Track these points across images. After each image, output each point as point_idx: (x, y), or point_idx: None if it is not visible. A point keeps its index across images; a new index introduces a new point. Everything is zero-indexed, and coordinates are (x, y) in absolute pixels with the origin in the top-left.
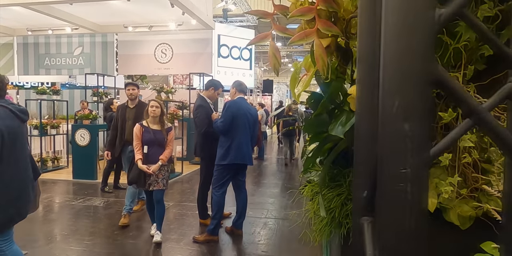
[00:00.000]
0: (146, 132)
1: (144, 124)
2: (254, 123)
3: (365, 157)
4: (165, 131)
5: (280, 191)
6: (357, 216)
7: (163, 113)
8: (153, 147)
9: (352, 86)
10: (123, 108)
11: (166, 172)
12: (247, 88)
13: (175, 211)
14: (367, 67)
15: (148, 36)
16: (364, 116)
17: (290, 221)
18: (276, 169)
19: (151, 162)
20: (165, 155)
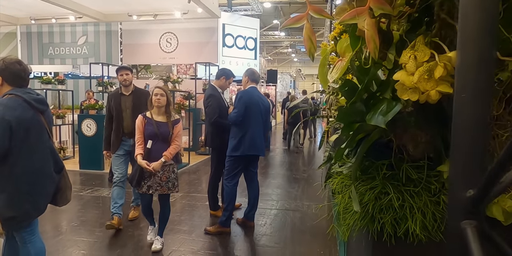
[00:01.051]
0: (148, 125)
1: (147, 115)
2: (267, 113)
3: (469, 150)
4: (171, 124)
5: (289, 182)
6: (455, 219)
7: (169, 103)
8: (156, 142)
9: (398, 71)
10: (117, 96)
11: (172, 173)
12: (260, 77)
13: (184, 202)
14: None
15: (153, 25)
16: (469, 99)
17: (301, 212)
18: (283, 159)
19: (154, 159)
20: (169, 151)
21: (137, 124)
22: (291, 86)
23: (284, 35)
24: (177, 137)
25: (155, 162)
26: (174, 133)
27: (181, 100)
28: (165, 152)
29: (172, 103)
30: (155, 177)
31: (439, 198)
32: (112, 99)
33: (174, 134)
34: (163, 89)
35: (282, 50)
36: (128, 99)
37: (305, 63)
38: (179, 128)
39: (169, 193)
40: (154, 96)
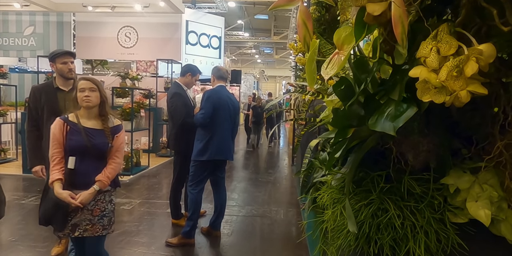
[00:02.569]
0: (73, 133)
1: (70, 120)
2: (236, 114)
3: None
4: (109, 132)
5: (255, 186)
6: None
7: (104, 101)
8: (85, 159)
9: (416, 67)
10: (50, 92)
11: (108, 204)
12: (228, 73)
13: (143, 209)
14: None
15: (110, 17)
16: None
17: (269, 218)
18: (247, 161)
19: (81, 186)
20: (106, 173)
21: (52, 132)
22: (254, 87)
23: (248, 36)
24: (118, 151)
25: (85, 192)
26: (115, 145)
27: (140, 99)
28: (100, 175)
29: (109, 101)
30: (83, 211)
31: (443, 214)
32: (42, 96)
33: (114, 147)
34: (93, 81)
35: (246, 50)
36: (69, 97)
37: (268, 65)
38: (121, 138)
39: (104, 235)
40: (80, 93)
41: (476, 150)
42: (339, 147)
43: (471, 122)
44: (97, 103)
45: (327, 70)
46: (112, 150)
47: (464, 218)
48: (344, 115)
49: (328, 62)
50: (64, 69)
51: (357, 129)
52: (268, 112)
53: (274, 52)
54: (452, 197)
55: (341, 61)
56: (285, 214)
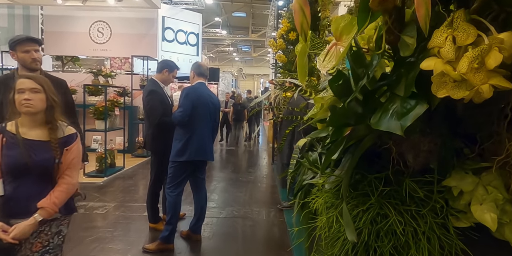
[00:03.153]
0: (10, 147)
1: (7, 129)
2: (216, 112)
3: None
4: (56, 144)
5: (235, 186)
6: None
7: (53, 105)
8: (26, 180)
9: (428, 58)
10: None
11: (54, 237)
12: (208, 71)
13: (118, 213)
14: None
15: (81, 11)
16: None
17: (251, 219)
18: (228, 160)
19: (22, 215)
20: (52, 198)
21: None
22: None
23: (226, 34)
24: (69, 169)
25: (21, 224)
26: (64, 161)
27: (115, 97)
28: (44, 200)
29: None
30: (24, 246)
31: (445, 219)
32: (1, 89)
33: (64, 163)
34: (36, 80)
35: (224, 48)
36: None
37: (246, 63)
38: (73, 151)
39: None
40: (18, 95)
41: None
42: (335, 148)
43: (476, 120)
44: (41, 108)
45: (324, 62)
46: (61, 168)
47: (467, 222)
48: (343, 113)
49: (325, 54)
50: (26, 59)
51: (354, 128)
52: (252, 110)
53: (252, 50)
54: (454, 200)
55: (339, 53)
56: (267, 214)
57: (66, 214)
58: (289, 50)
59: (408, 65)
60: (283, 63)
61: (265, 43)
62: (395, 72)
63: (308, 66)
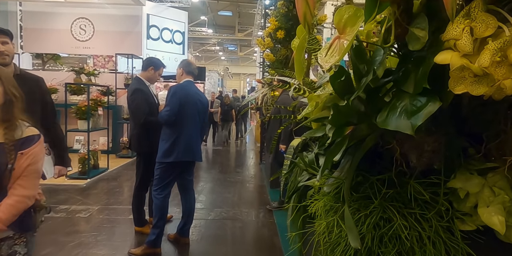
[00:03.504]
0: None
1: None
2: (205, 111)
3: None
4: (11, 146)
5: (223, 186)
6: None
7: (11, 100)
8: None
9: (443, 52)
10: None
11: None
12: (197, 70)
13: (102, 217)
14: None
15: (62, 8)
16: None
17: (240, 221)
18: (215, 160)
19: None
20: (2, 210)
21: None
22: (219, 84)
23: (212, 32)
24: (24, 177)
25: None
26: (18, 167)
27: (98, 96)
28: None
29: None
30: None
31: (450, 222)
32: None
33: (17, 170)
34: None
35: (210, 47)
36: None
37: (232, 62)
38: (30, 156)
39: None
40: None
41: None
42: (336, 148)
43: (482, 118)
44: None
45: (327, 57)
46: (13, 175)
47: (472, 225)
48: (346, 112)
49: (328, 48)
50: None
51: (355, 128)
52: (243, 109)
53: (238, 49)
54: (459, 202)
55: (343, 46)
56: (257, 215)
57: (21, 232)
58: (277, 49)
59: (417, 60)
60: (271, 61)
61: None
62: (401, 67)
63: None
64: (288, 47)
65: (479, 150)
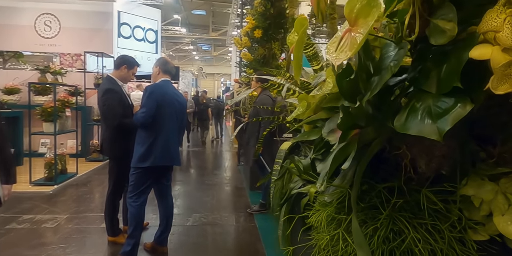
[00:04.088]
0: None
1: None
2: (183, 113)
3: None
4: None
5: (202, 189)
6: None
7: None
8: None
9: (479, 46)
10: None
11: None
12: (174, 69)
13: (71, 227)
14: None
15: (25, 2)
16: None
17: (220, 226)
18: (191, 162)
19: None
20: None
21: None
22: (193, 84)
23: (185, 32)
24: None
25: None
26: None
27: (65, 96)
28: None
29: None
30: None
31: (462, 232)
32: None
33: None
34: None
35: (183, 47)
36: None
37: (206, 62)
38: None
39: None
40: None
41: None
42: (341, 154)
43: (496, 120)
44: None
45: (337, 53)
46: None
47: (485, 234)
48: (356, 114)
49: (338, 43)
50: None
51: (362, 131)
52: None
53: (212, 49)
54: (471, 210)
55: (355, 41)
56: (237, 219)
57: None
58: (255, 48)
59: (439, 56)
60: (248, 61)
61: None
62: (418, 65)
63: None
64: (266, 47)
65: (491, 154)
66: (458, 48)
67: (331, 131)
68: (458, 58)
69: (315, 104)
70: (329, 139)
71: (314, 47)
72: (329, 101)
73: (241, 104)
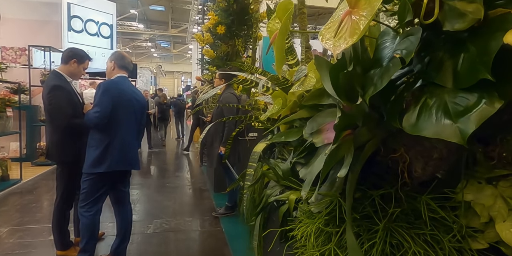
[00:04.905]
0: None
1: None
2: (142, 112)
3: None
4: None
5: (162, 192)
6: None
7: None
8: None
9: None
10: None
11: None
12: (132, 64)
13: (13, 241)
14: None
15: None
16: None
17: (184, 232)
18: (151, 163)
19: None
20: None
21: None
22: (151, 82)
23: (143, 28)
24: None
25: None
26: None
27: (6, 94)
28: None
29: None
30: None
31: (461, 242)
32: None
33: None
34: None
35: (141, 43)
36: None
37: (165, 59)
38: None
39: None
40: None
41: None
42: (331, 159)
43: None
44: None
45: (336, 39)
46: None
47: (484, 242)
48: (356, 113)
49: (338, 28)
50: None
51: (356, 132)
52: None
53: (171, 46)
54: (469, 217)
55: (357, 26)
56: (202, 224)
57: None
58: (217, 45)
59: (455, 44)
60: (211, 58)
61: (187, 39)
62: (426, 55)
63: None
64: (229, 44)
65: (492, 156)
66: (483, 34)
67: (316, 132)
68: (485, 45)
69: (292, 102)
70: (314, 141)
71: (290, 40)
72: (311, 98)
73: (203, 103)
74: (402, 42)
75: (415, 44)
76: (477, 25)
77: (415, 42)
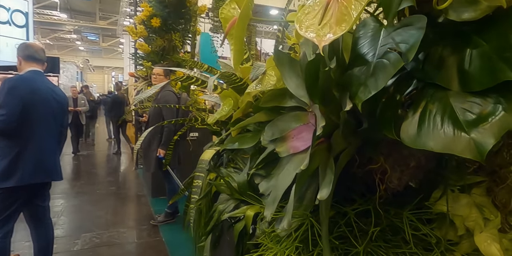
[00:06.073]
0: None
1: None
2: (63, 113)
3: None
4: None
5: (93, 202)
6: None
7: None
8: None
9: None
10: None
11: None
12: (44, 53)
13: None
14: None
15: None
16: None
17: (119, 246)
18: (80, 168)
19: None
20: None
21: None
22: (78, 78)
23: (66, 18)
24: None
25: None
26: None
27: None
28: None
29: None
30: None
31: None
32: None
33: None
34: None
35: (64, 35)
36: None
37: (94, 53)
38: None
39: None
40: None
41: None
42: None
43: None
44: None
45: (319, 28)
46: None
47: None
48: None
49: (322, 14)
50: None
51: (332, 141)
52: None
53: (100, 40)
54: (443, 229)
55: (347, 12)
56: (139, 235)
57: None
58: (152, 39)
59: (457, 38)
60: (145, 53)
61: (117, 32)
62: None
63: None
64: (165, 38)
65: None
66: (500, 25)
67: (279, 140)
68: (506, 38)
69: (246, 103)
70: (278, 150)
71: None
72: (270, 99)
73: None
74: (396, 34)
75: (418, 36)
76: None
77: (418, 34)
